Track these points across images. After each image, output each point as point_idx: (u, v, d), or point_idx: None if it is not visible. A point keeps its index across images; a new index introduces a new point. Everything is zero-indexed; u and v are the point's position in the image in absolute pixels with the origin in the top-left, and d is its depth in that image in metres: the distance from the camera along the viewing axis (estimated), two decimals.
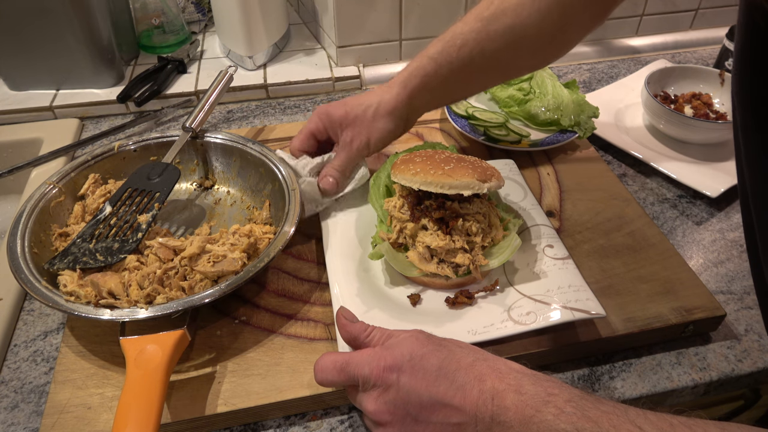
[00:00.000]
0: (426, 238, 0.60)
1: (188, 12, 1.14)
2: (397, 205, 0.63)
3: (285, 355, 0.57)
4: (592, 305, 0.56)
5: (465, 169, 0.59)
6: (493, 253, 0.62)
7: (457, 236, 0.60)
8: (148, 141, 0.75)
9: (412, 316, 0.59)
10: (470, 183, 0.58)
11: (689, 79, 0.92)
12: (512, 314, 0.57)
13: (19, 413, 0.55)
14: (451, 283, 0.61)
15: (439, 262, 0.61)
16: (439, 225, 0.61)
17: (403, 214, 0.62)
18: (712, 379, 0.58)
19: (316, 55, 1.07)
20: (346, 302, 0.59)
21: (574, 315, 0.56)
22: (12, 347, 0.61)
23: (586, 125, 0.84)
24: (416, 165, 0.61)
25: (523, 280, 0.61)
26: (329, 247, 0.66)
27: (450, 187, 0.58)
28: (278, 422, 0.55)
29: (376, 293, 0.61)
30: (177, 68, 1.00)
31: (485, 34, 0.63)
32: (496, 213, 0.64)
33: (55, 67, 0.93)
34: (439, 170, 0.59)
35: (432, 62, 0.66)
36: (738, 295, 0.66)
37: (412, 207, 0.62)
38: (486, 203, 0.64)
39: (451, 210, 0.61)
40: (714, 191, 0.76)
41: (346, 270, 0.63)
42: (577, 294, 0.58)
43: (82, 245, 0.62)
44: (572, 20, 0.63)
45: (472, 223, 0.61)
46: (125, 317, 0.54)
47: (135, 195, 0.67)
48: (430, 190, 0.59)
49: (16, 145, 0.88)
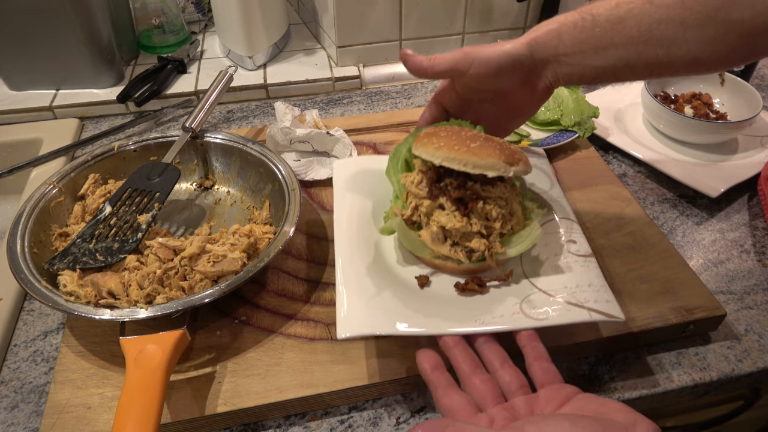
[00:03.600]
0: (441, 218, 0.56)
1: (188, 12, 1.14)
2: (415, 181, 0.59)
3: (285, 355, 0.57)
4: (612, 308, 0.53)
5: (492, 149, 0.54)
6: (511, 241, 0.58)
7: (476, 219, 0.56)
8: (148, 141, 0.75)
9: (417, 299, 0.56)
10: (496, 164, 0.53)
11: (689, 79, 0.92)
12: (524, 307, 0.54)
13: (19, 413, 0.55)
14: (462, 268, 0.58)
15: (452, 245, 0.57)
16: (458, 206, 0.56)
17: (421, 191, 0.58)
18: (712, 379, 0.58)
19: (316, 55, 1.07)
20: (350, 277, 0.56)
21: (591, 316, 0.52)
22: (12, 347, 0.61)
23: (586, 125, 0.84)
24: (440, 139, 0.56)
25: (540, 273, 0.58)
26: (339, 219, 0.63)
27: (474, 166, 0.53)
28: (278, 422, 0.55)
29: (383, 270, 0.58)
30: (177, 68, 1.00)
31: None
32: (518, 200, 0.60)
33: (55, 67, 0.93)
34: (464, 147, 0.54)
35: (575, 13, 0.55)
36: (738, 295, 0.66)
37: (431, 184, 0.58)
38: (509, 189, 0.59)
39: (472, 191, 0.56)
40: (714, 191, 0.76)
41: (355, 244, 0.60)
42: (596, 294, 0.54)
43: (82, 245, 0.62)
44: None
45: (493, 207, 0.56)
46: (125, 317, 0.54)
47: (135, 195, 0.67)
48: (452, 166, 0.54)
49: (16, 145, 0.88)
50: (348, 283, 0.56)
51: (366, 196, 0.66)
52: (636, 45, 0.52)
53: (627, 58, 0.53)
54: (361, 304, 0.53)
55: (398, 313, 0.53)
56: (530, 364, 0.49)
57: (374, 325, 0.51)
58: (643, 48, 0.52)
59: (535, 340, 0.51)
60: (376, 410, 0.56)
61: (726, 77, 0.90)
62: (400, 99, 1.00)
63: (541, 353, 0.50)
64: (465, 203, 0.56)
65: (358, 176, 0.69)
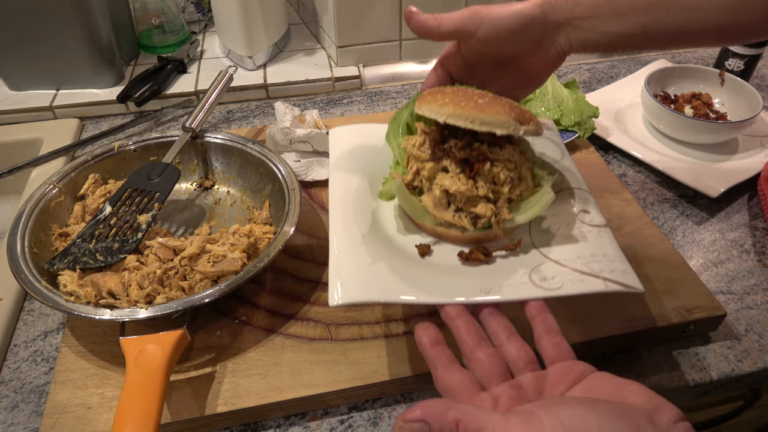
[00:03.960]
0: (445, 181, 0.53)
1: (188, 12, 1.14)
2: (417, 143, 0.56)
3: (285, 355, 0.57)
4: (629, 278, 0.49)
5: (501, 106, 0.51)
6: (520, 207, 0.54)
7: (482, 182, 0.52)
8: (148, 141, 0.75)
9: (417, 268, 0.52)
10: (506, 121, 0.50)
11: (689, 79, 0.92)
12: (534, 277, 0.50)
13: (19, 413, 0.55)
14: (467, 236, 0.54)
15: (456, 210, 0.53)
16: (463, 167, 0.53)
17: (423, 153, 0.55)
18: (712, 379, 0.58)
19: (316, 55, 1.07)
20: (344, 245, 0.53)
21: (607, 286, 0.48)
22: (12, 347, 0.61)
23: (586, 125, 0.84)
24: (446, 95, 0.52)
25: (551, 243, 0.54)
26: (334, 187, 0.59)
27: (481, 123, 0.50)
28: (278, 422, 0.55)
29: (381, 239, 0.55)
30: (177, 68, 1.00)
31: None
32: (528, 166, 0.56)
33: (55, 67, 0.93)
34: (472, 103, 0.51)
35: None
36: (738, 295, 0.66)
37: (434, 145, 0.54)
38: (518, 152, 0.56)
39: (479, 152, 0.53)
40: (714, 191, 0.76)
41: (351, 212, 0.57)
42: (612, 264, 0.50)
43: (82, 245, 0.62)
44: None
45: (501, 169, 0.53)
46: (125, 317, 0.54)
47: (135, 195, 0.67)
48: (458, 124, 0.51)
49: (16, 145, 0.88)
50: (343, 249, 0.52)
51: (364, 164, 0.62)
52: (657, 10, 0.49)
53: (645, 25, 0.50)
54: (357, 271, 0.50)
55: (396, 282, 0.49)
56: (539, 338, 0.45)
57: (370, 292, 0.48)
58: (664, 13, 0.49)
59: (545, 312, 0.46)
60: (376, 410, 0.56)
61: (726, 77, 0.90)
62: (400, 99, 1.00)
63: (551, 326, 0.45)
64: (471, 165, 0.53)
65: (357, 144, 0.65)
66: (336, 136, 0.66)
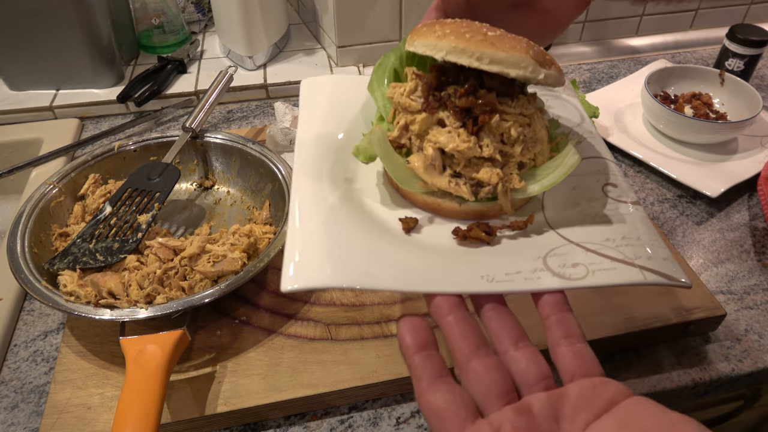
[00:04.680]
0: (441, 137, 0.42)
1: (188, 12, 1.14)
2: (407, 90, 0.45)
3: (285, 355, 0.57)
4: (672, 268, 0.40)
5: (517, 42, 0.40)
6: (535, 174, 0.44)
7: (488, 140, 0.42)
8: (148, 141, 0.75)
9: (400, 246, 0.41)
10: (522, 60, 0.39)
11: (689, 79, 0.92)
12: (550, 263, 0.39)
13: (19, 413, 0.55)
14: (465, 209, 0.44)
15: (453, 175, 0.43)
16: (464, 120, 0.42)
17: (414, 102, 0.44)
18: (712, 379, 0.58)
19: (316, 55, 1.07)
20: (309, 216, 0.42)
21: (645, 277, 0.39)
22: (12, 347, 0.61)
23: None
24: (446, 27, 0.42)
25: (570, 222, 0.43)
26: (301, 146, 0.48)
27: (492, 61, 0.39)
28: (278, 422, 0.55)
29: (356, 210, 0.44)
30: (177, 68, 1.00)
31: None
32: (544, 124, 0.46)
33: (55, 67, 0.93)
34: (479, 36, 0.40)
35: None
36: (738, 295, 0.66)
37: (429, 91, 0.43)
38: (534, 107, 0.45)
39: (486, 101, 0.42)
40: (714, 191, 0.76)
41: (320, 176, 0.46)
42: (649, 249, 0.40)
43: (82, 245, 0.62)
44: None
45: (512, 124, 0.42)
46: (125, 317, 0.54)
47: (135, 195, 0.67)
48: (461, 61, 0.40)
49: (16, 145, 0.88)
50: (305, 220, 0.42)
51: (341, 120, 0.52)
52: None
53: None
54: (321, 247, 0.39)
55: (370, 262, 0.39)
56: (556, 344, 0.35)
57: (336, 275, 0.37)
58: None
59: (564, 309, 0.37)
60: (376, 410, 0.56)
61: (726, 77, 0.90)
62: None
63: (572, 328, 0.36)
64: (474, 118, 0.42)
65: (333, 97, 0.54)
66: (308, 87, 0.55)
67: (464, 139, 0.42)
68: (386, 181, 0.47)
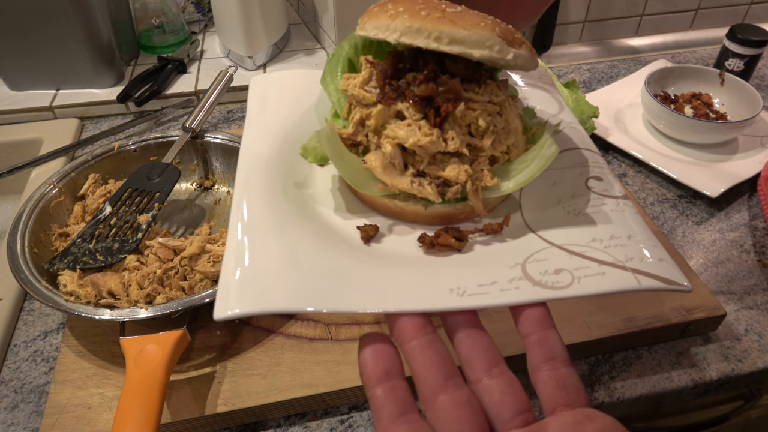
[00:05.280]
0: (400, 131, 0.38)
1: (188, 12, 1.14)
2: (360, 80, 0.40)
3: (285, 355, 0.57)
4: (669, 270, 0.35)
5: (480, 18, 0.36)
6: (509, 171, 0.39)
7: (453, 133, 0.37)
8: (148, 141, 0.75)
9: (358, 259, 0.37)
10: (487, 38, 0.35)
11: (689, 79, 0.92)
12: (530, 270, 0.35)
13: (19, 413, 0.55)
14: (432, 213, 0.39)
15: (416, 174, 0.38)
16: (425, 111, 0.38)
17: (368, 93, 0.40)
18: (712, 379, 0.58)
19: (316, 55, 1.07)
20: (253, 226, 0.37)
21: (639, 282, 0.34)
22: (12, 347, 0.61)
23: (586, 125, 0.84)
24: (399, 4, 0.37)
25: (551, 223, 0.39)
26: (246, 148, 0.44)
27: (451, 41, 0.35)
28: (278, 422, 0.55)
29: (308, 219, 0.40)
30: (177, 68, 1.00)
31: None
32: (517, 113, 0.41)
33: (55, 67, 0.93)
34: (437, 13, 0.36)
35: None
36: (738, 295, 0.66)
37: (384, 80, 0.39)
38: (505, 94, 0.40)
39: (448, 88, 0.37)
40: (714, 191, 0.76)
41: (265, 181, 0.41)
42: (642, 249, 0.36)
43: (82, 245, 0.62)
44: None
45: (480, 114, 0.38)
46: (125, 317, 0.54)
47: (135, 195, 0.67)
48: (417, 43, 0.36)
49: (16, 145, 0.88)
50: (248, 235, 0.37)
51: (292, 121, 0.47)
52: None
53: None
54: (267, 266, 0.35)
55: (325, 279, 0.34)
56: (536, 369, 0.31)
57: (280, 297, 0.33)
58: None
59: (547, 326, 0.32)
60: None
61: (726, 77, 0.90)
62: None
63: (555, 349, 0.31)
64: (436, 108, 0.38)
65: (285, 96, 0.50)
66: (255, 86, 0.51)
67: (426, 132, 0.37)
68: (343, 185, 0.43)
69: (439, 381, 0.30)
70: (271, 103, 0.49)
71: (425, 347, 0.31)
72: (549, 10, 1.05)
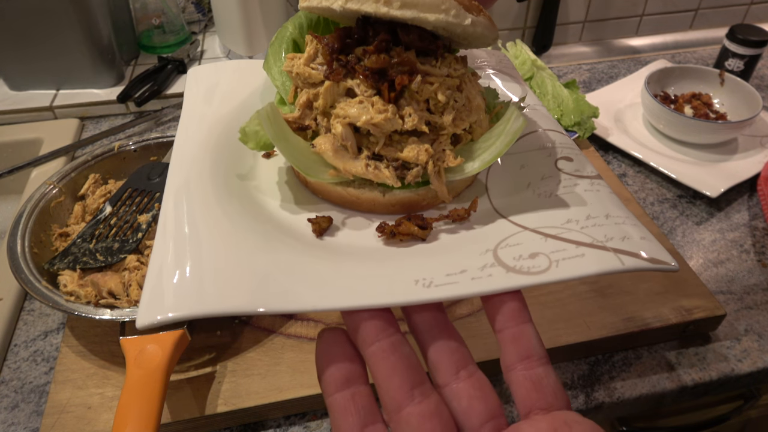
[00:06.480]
0: (350, 109, 0.34)
1: (188, 12, 1.14)
2: (305, 58, 0.37)
3: (285, 355, 0.57)
4: (654, 249, 0.33)
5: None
6: (473, 150, 0.36)
7: (410, 108, 0.34)
8: (148, 141, 0.75)
9: (310, 254, 0.33)
10: (442, 1, 0.33)
11: (689, 79, 0.92)
12: (502, 256, 0.32)
13: (19, 413, 0.55)
14: (391, 200, 0.36)
15: (371, 157, 0.35)
16: (377, 86, 0.34)
17: (315, 70, 0.36)
18: (712, 379, 0.58)
19: None
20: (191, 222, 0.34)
21: (623, 262, 0.31)
22: (12, 347, 0.61)
23: (586, 125, 0.84)
24: None
25: (523, 207, 0.36)
26: (181, 141, 0.40)
27: (403, 4, 0.32)
28: (278, 422, 0.55)
29: (252, 212, 0.36)
30: (177, 68, 1.00)
31: None
32: (479, 89, 0.38)
33: (55, 67, 0.93)
34: None
35: None
36: (738, 295, 0.66)
37: (331, 55, 0.35)
38: (465, 67, 0.38)
39: (402, 60, 0.34)
40: (714, 191, 0.76)
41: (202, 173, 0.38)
42: (621, 229, 0.34)
43: (82, 245, 0.62)
44: None
45: (439, 87, 0.35)
46: (125, 317, 0.54)
47: (135, 195, 0.67)
48: (365, 8, 0.32)
49: (16, 145, 0.88)
50: (180, 231, 0.33)
51: (234, 111, 0.43)
52: None
53: None
54: (205, 264, 0.32)
55: (273, 278, 0.31)
56: (510, 367, 0.28)
57: (218, 299, 0.30)
58: None
59: (522, 321, 0.29)
60: None
61: (726, 77, 0.90)
62: None
63: (531, 346, 0.28)
64: (390, 81, 0.34)
65: (226, 86, 0.46)
66: (193, 77, 0.48)
67: (380, 108, 0.34)
68: (291, 176, 0.39)
69: (404, 391, 0.27)
70: (209, 93, 0.45)
71: (388, 352, 0.27)
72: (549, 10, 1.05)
